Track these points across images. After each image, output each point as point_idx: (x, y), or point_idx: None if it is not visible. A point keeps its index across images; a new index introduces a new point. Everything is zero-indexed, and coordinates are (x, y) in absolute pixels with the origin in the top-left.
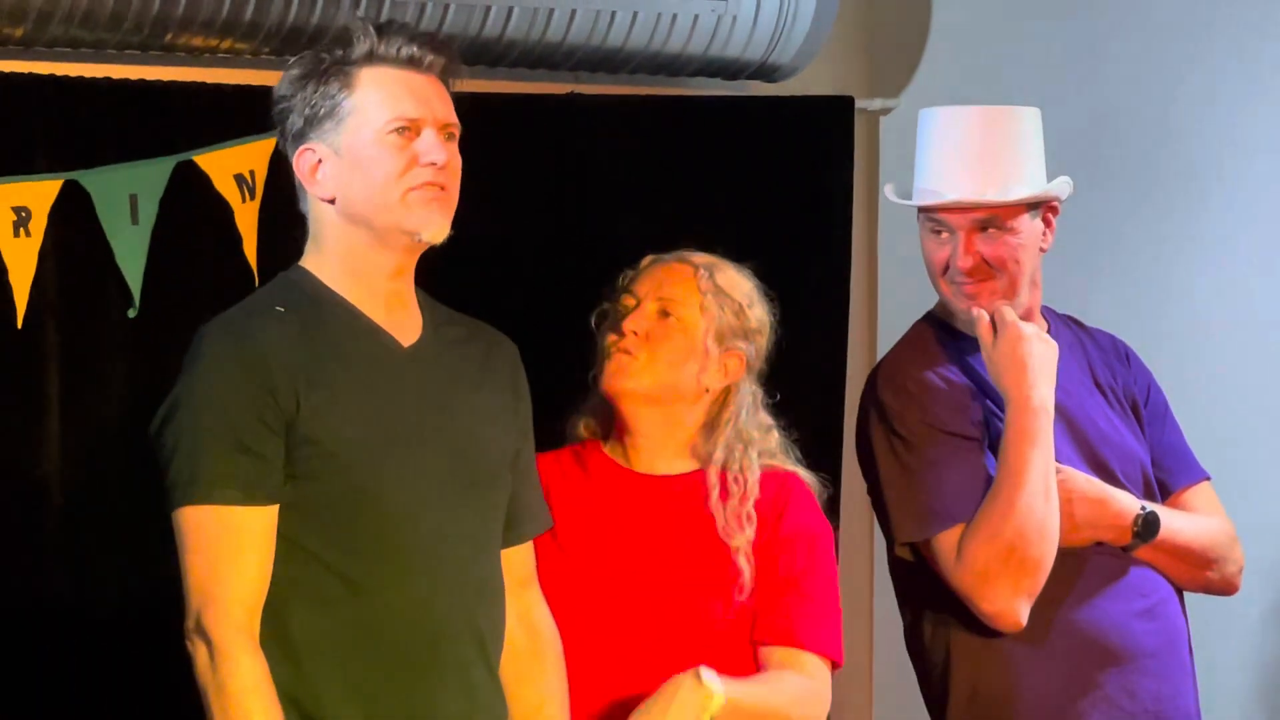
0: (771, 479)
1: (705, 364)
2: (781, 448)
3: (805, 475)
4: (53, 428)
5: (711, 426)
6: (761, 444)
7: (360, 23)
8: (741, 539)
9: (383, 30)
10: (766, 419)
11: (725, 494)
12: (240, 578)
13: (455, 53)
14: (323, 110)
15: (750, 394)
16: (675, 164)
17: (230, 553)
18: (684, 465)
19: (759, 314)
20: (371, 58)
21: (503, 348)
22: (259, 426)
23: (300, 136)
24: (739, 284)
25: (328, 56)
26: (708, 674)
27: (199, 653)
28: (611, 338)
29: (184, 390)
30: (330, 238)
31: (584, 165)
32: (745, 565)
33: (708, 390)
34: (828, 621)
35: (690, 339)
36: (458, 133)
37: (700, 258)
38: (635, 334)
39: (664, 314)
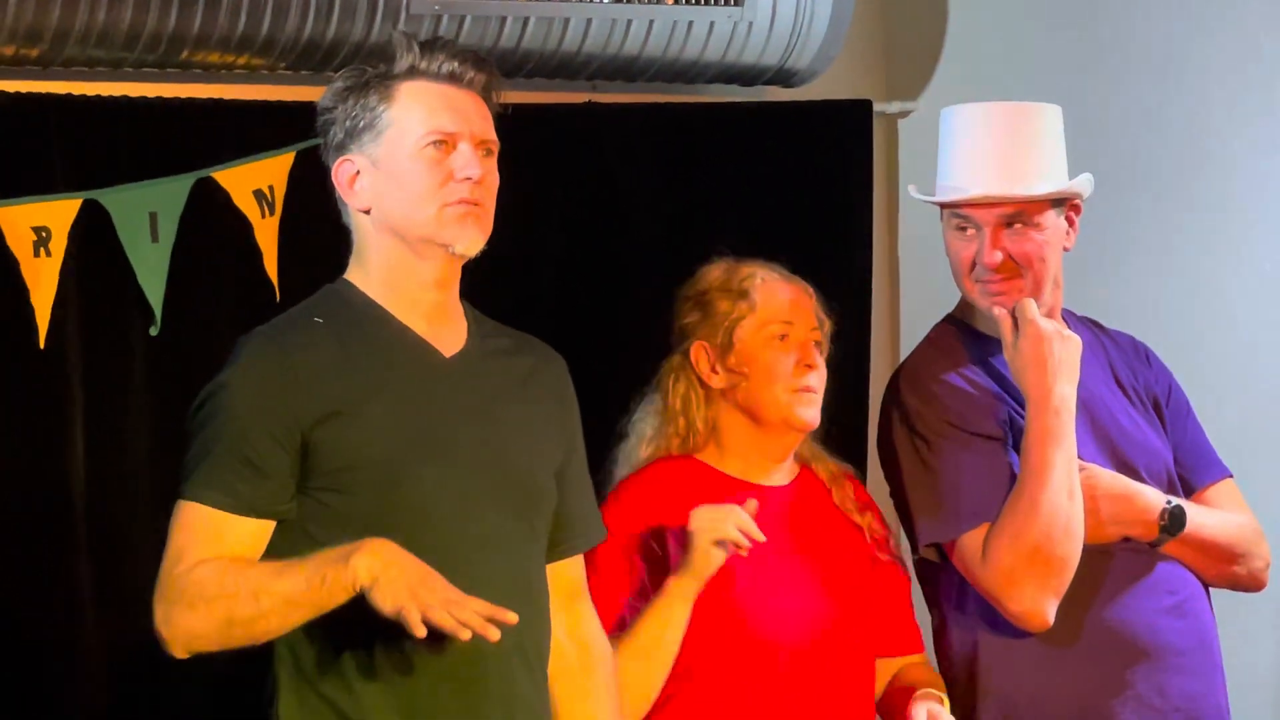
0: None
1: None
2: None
3: None
4: (76, 446)
5: None
6: None
7: (404, 38)
8: (869, 520)
9: (425, 46)
10: None
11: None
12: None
13: (496, 70)
14: (362, 122)
15: None
16: (693, 171)
17: (205, 549)
18: (788, 474)
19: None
20: (413, 72)
21: (551, 362)
22: (268, 443)
23: (340, 148)
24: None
25: (371, 70)
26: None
27: (166, 621)
28: (800, 369)
29: (211, 391)
30: (370, 249)
31: (602, 174)
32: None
33: None
34: None
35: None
36: (496, 149)
37: (799, 280)
38: (813, 368)
39: (817, 344)
